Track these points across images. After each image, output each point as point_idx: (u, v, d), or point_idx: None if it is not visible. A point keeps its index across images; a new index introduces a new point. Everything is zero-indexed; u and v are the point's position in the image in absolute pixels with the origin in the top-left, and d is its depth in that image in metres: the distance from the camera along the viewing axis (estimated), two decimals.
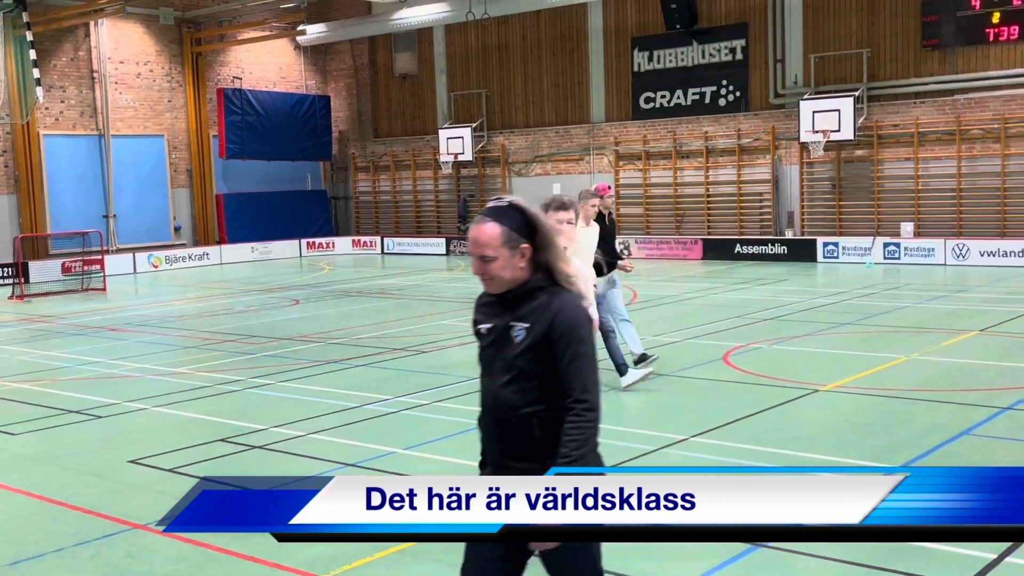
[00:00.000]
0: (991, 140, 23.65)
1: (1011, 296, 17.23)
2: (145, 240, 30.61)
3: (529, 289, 3.54)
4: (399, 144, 34.65)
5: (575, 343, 3.46)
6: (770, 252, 25.78)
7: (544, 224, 3.57)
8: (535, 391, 3.51)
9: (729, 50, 27.29)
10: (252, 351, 13.73)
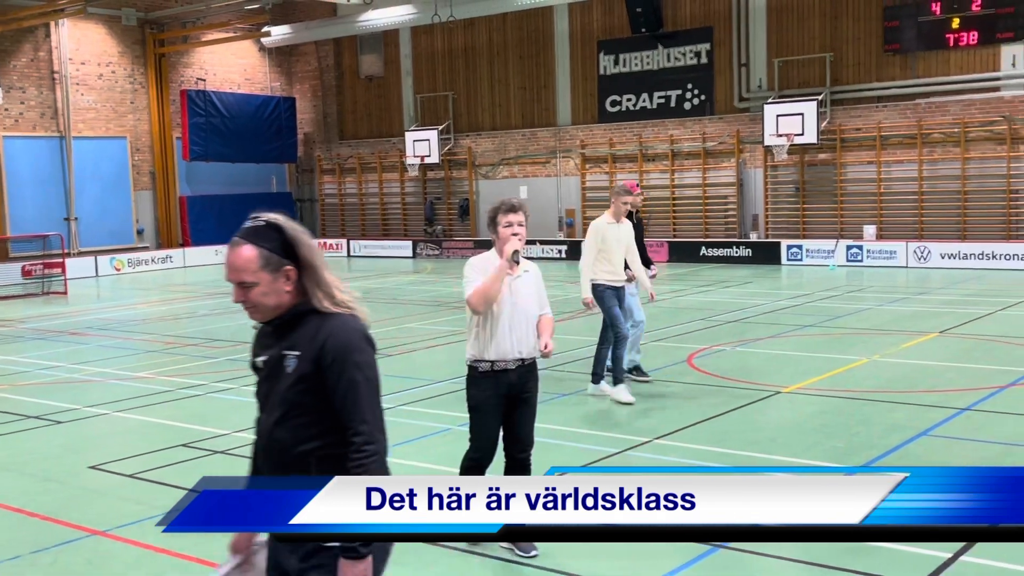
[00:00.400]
0: (951, 144, 23.96)
1: (971, 298, 17.46)
2: (107, 243, 30.30)
3: (298, 314, 3.22)
4: (365, 146, 34.55)
5: (350, 369, 3.15)
6: (735, 255, 25.95)
7: (306, 241, 3.26)
8: (310, 427, 3.18)
9: (694, 54, 27.46)
10: (215, 355, 13.64)
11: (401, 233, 33.67)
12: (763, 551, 5.68)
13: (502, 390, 5.81)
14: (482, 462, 5.93)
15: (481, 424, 5.89)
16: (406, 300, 19.92)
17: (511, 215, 5.80)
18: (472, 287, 5.73)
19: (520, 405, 5.90)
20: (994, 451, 7.80)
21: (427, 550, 5.89)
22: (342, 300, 3.26)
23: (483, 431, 5.89)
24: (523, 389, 5.88)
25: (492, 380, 5.80)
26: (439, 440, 8.62)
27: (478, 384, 5.85)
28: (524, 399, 5.90)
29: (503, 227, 5.79)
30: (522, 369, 5.86)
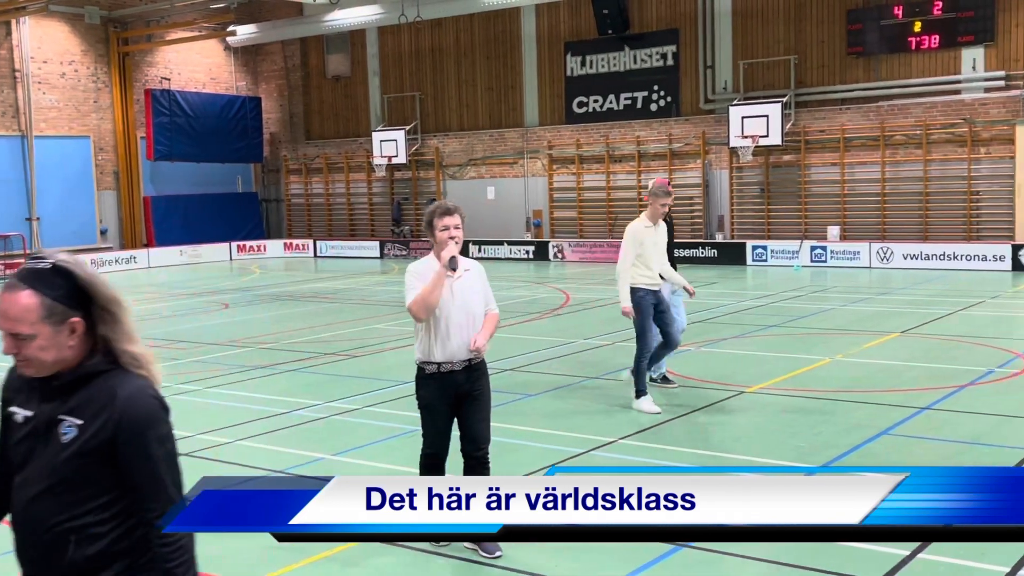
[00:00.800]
0: (913, 146, 24.25)
1: (932, 298, 17.68)
2: (70, 243, 29.93)
3: (83, 375, 2.76)
4: (332, 146, 34.42)
5: (150, 445, 2.76)
6: (700, 255, 26.11)
7: (104, 291, 2.78)
8: (80, 504, 2.74)
9: (660, 56, 27.60)
10: (179, 356, 13.54)
11: (368, 234, 33.58)
12: (727, 550, 5.72)
13: (450, 390, 5.84)
14: (438, 457, 5.98)
15: (431, 423, 5.95)
16: (374, 301, 19.87)
17: (447, 218, 5.80)
18: (412, 294, 5.75)
19: (470, 403, 5.92)
20: (953, 449, 7.92)
21: (389, 550, 5.89)
22: (139, 358, 2.81)
23: (433, 429, 5.96)
24: (472, 388, 5.89)
25: (439, 380, 5.83)
26: (404, 442, 8.61)
27: (426, 385, 5.89)
28: (474, 397, 5.91)
29: (439, 231, 5.80)
30: (470, 369, 5.88)
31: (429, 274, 5.78)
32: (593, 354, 12.68)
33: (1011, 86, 23.09)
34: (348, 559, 5.87)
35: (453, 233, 5.78)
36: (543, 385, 10.74)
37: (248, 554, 5.94)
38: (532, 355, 12.54)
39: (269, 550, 5.92)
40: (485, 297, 5.99)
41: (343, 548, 5.94)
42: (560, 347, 13.21)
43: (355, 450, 8.34)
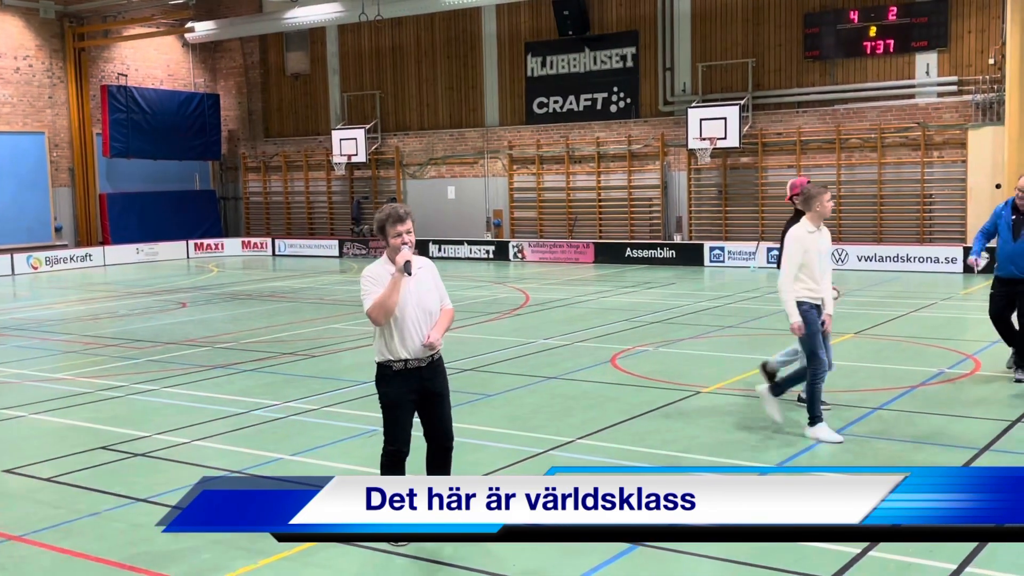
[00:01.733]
0: (868, 149, 24.60)
1: (886, 300, 17.95)
2: (24, 240, 29.54)
3: None
4: (291, 144, 34.22)
5: None
6: (659, 256, 26.29)
7: None
8: None
9: (620, 57, 27.76)
10: (136, 356, 13.42)
11: (327, 232, 33.43)
12: (684, 549, 5.80)
13: (415, 386, 5.93)
14: (400, 454, 6.01)
15: (395, 420, 5.99)
16: (332, 300, 19.80)
17: (399, 225, 5.90)
18: (370, 299, 5.85)
19: (435, 400, 6.03)
20: (903, 448, 8.07)
21: (349, 550, 5.91)
22: None
23: (397, 426, 6.00)
24: (434, 384, 6.01)
25: (404, 377, 5.92)
26: (362, 442, 8.62)
27: (390, 382, 5.95)
28: (437, 393, 6.02)
29: (392, 237, 5.91)
30: (433, 366, 6.00)
31: (385, 277, 5.87)
32: (552, 354, 12.75)
33: (963, 91, 23.49)
34: (302, 559, 5.87)
35: (406, 239, 5.89)
36: (502, 385, 10.79)
37: (202, 555, 5.93)
38: (491, 355, 12.57)
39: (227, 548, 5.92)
40: (440, 293, 6.10)
41: (302, 548, 5.94)
42: (519, 347, 13.26)
43: (313, 450, 8.34)
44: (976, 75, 23.28)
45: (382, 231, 5.95)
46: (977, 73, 23.29)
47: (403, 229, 5.89)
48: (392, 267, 5.88)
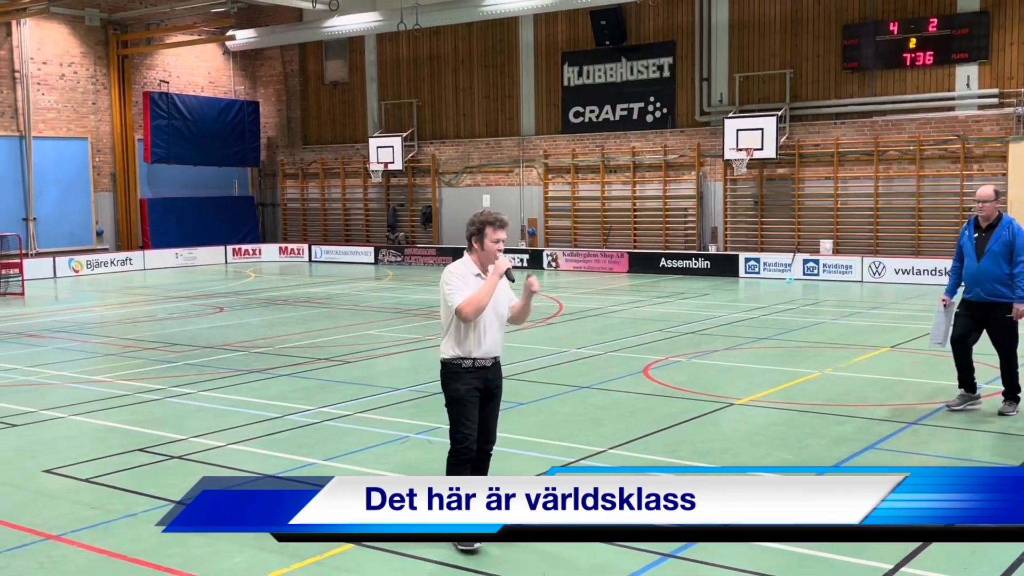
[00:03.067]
0: (907, 161, 24.39)
1: (923, 313, 17.78)
2: (66, 244, 30.01)
3: None
4: (328, 152, 34.50)
5: None
6: (694, 266, 26.22)
7: None
8: None
9: (657, 67, 27.74)
10: (173, 359, 13.60)
11: (363, 239, 33.64)
12: (713, 560, 5.80)
13: (480, 384, 6.13)
14: (468, 450, 6.12)
15: (462, 415, 6.13)
16: (367, 306, 19.93)
17: (500, 232, 6.11)
18: (461, 296, 5.97)
19: (492, 399, 6.25)
20: (939, 464, 8.00)
21: (378, 555, 5.96)
22: None
23: (465, 421, 6.12)
24: (496, 384, 6.25)
25: (474, 374, 6.11)
26: (396, 448, 8.69)
27: (460, 378, 6.11)
28: (495, 393, 6.26)
29: (491, 241, 6.07)
30: (496, 366, 6.24)
31: (468, 277, 6.06)
32: (585, 364, 12.76)
33: (1004, 104, 23.25)
34: (337, 563, 5.94)
35: (502, 247, 6.11)
36: (534, 394, 10.82)
37: (237, 559, 6.01)
38: (524, 363, 12.61)
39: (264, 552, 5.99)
40: (510, 299, 6.32)
41: (334, 552, 6.01)
42: (552, 356, 13.29)
43: (347, 455, 8.41)
44: (1018, 87, 23.04)
45: (479, 232, 6.08)
46: (1019, 86, 23.04)
47: (502, 236, 6.10)
48: (477, 269, 6.09)
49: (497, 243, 6.05)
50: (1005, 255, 9.15)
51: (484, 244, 6.05)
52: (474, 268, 6.10)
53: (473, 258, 6.11)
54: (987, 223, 9.38)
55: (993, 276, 9.17)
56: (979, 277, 9.29)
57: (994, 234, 9.26)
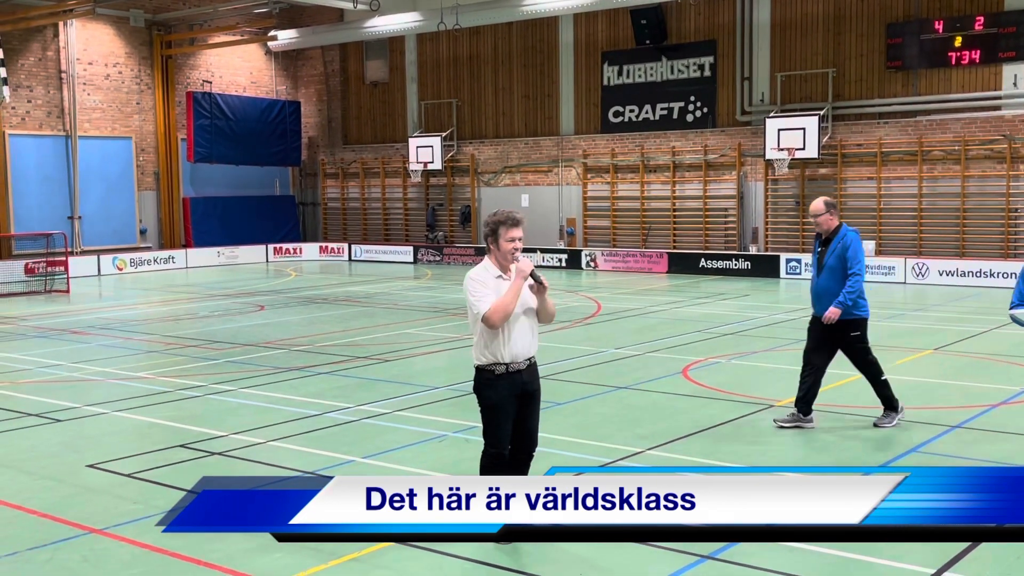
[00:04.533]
0: (952, 161, 24.06)
1: (967, 316, 17.54)
2: (110, 242, 30.42)
3: None
4: (368, 151, 34.68)
5: None
6: (734, 267, 26.04)
7: None
8: None
9: (697, 67, 27.59)
10: (215, 357, 13.73)
11: (402, 238, 33.78)
12: (751, 563, 5.76)
13: (516, 390, 6.03)
14: (501, 455, 6.11)
15: (497, 423, 6.07)
16: (406, 305, 20.01)
17: (514, 230, 5.93)
18: (486, 303, 5.85)
19: (529, 402, 6.15)
20: None
21: (415, 553, 5.97)
22: None
23: (500, 429, 6.08)
24: (532, 387, 6.13)
25: (507, 380, 6.00)
26: (434, 446, 8.71)
27: (494, 386, 6.01)
28: (532, 395, 6.15)
29: (506, 241, 5.92)
30: (531, 367, 6.11)
31: (490, 282, 5.92)
32: (623, 364, 12.72)
33: None
34: (375, 561, 5.96)
35: (518, 245, 5.94)
36: (572, 394, 10.80)
37: (276, 554, 6.05)
38: (562, 363, 12.59)
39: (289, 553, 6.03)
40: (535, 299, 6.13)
41: (371, 550, 6.03)
42: (590, 356, 13.26)
43: (385, 453, 8.45)
44: None
45: (494, 233, 5.95)
46: None
47: (516, 235, 5.93)
48: (497, 271, 5.95)
49: (512, 242, 5.89)
50: (840, 269, 8.66)
51: (500, 244, 5.91)
52: (494, 270, 5.95)
53: (492, 260, 5.99)
54: (826, 235, 8.95)
55: (831, 292, 8.69)
56: (819, 293, 8.87)
57: (830, 247, 8.84)
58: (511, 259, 5.94)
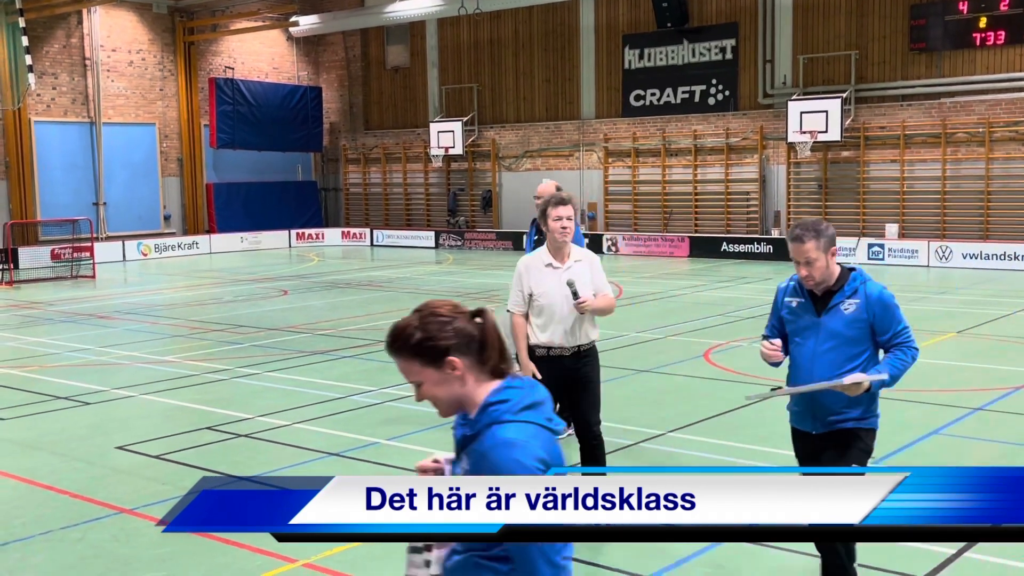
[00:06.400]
0: (976, 144, 23.89)
1: (991, 299, 17.46)
2: (135, 228, 30.67)
3: None
4: (390, 136, 34.76)
5: None
6: (756, 251, 25.99)
7: None
8: None
9: (719, 49, 27.47)
10: (240, 341, 13.87)
11: (424, 223, 33.87)
12: (752, 563, 5.80)
13: (556, 372, 5.99)
14: None
15: None
16: (427, 290, 20.10)
17: (560, 208, 5.91)
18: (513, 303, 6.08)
19: (574, 388, 6.13)
20: (1003, 450, 7.90)
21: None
22: None
23: None
24: (577, 374, 6.09)
25: (547, 363, 6.02)
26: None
27: (538, 366, 6.03)
28: (578, 381, 6.11)
29: (552, 220, 5.92)
30: (578, 355, 6.07)
31: (537, 269, 5.97)
32: (645, 347, 12.76)
33: None
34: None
35: (565, 224, 5.89)
36: None
37: None
38: None
39: None
40: (595, 286, 6.07)
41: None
42: (612, 339, 13.30)
43: (409, 435, 8.54)
44: None
45: (543, 215, 5.95)
46: None
47: (563, 213, 5.87)
48: (547, 257, 5.98)
49: (559, 220, 5.87)
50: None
51: (548, 223, 5.93)
52: (545, 258, 5.97)
53: (548, 245, 6.00)
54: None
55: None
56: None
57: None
58: (559, 238, 5.92)
